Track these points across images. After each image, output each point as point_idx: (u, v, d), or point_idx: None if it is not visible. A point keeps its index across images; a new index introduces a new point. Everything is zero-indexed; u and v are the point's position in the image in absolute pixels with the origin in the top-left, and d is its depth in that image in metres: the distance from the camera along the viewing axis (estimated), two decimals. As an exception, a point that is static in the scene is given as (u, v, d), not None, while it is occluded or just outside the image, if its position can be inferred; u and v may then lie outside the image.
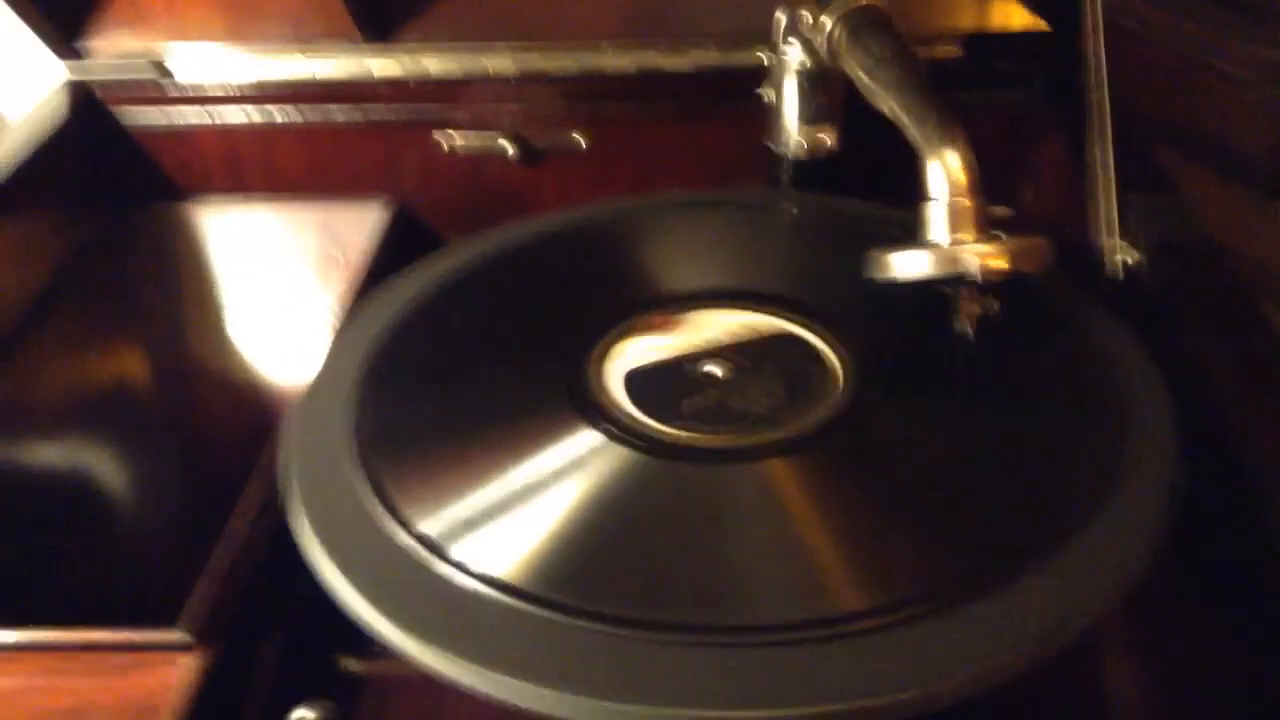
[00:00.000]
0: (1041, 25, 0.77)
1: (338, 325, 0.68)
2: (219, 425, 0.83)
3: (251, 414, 0.82)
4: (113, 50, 0.81)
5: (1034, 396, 0.52)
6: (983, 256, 0.48)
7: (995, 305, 0.50)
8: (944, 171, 0.49)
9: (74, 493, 0.73)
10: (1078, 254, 0.63)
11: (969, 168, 0.49)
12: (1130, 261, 0.59)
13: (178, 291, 0.82)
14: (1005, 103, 0.79)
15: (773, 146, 0.74)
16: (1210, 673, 0.50)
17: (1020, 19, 0.78)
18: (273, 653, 0.54)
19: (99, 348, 0.79)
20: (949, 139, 0.50)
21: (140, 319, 0.81)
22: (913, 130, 0.51)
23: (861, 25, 0.59)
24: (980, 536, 0.45)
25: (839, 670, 0.40)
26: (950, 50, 0.78)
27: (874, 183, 0.72)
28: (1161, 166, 0.69)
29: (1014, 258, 0.49)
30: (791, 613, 0.42)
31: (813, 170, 0.73)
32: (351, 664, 0.58)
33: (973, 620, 0.41)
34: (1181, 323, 0.56)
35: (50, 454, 0.72)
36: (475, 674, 0.40)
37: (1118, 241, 0.59)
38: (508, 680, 0.40)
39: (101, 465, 0.76)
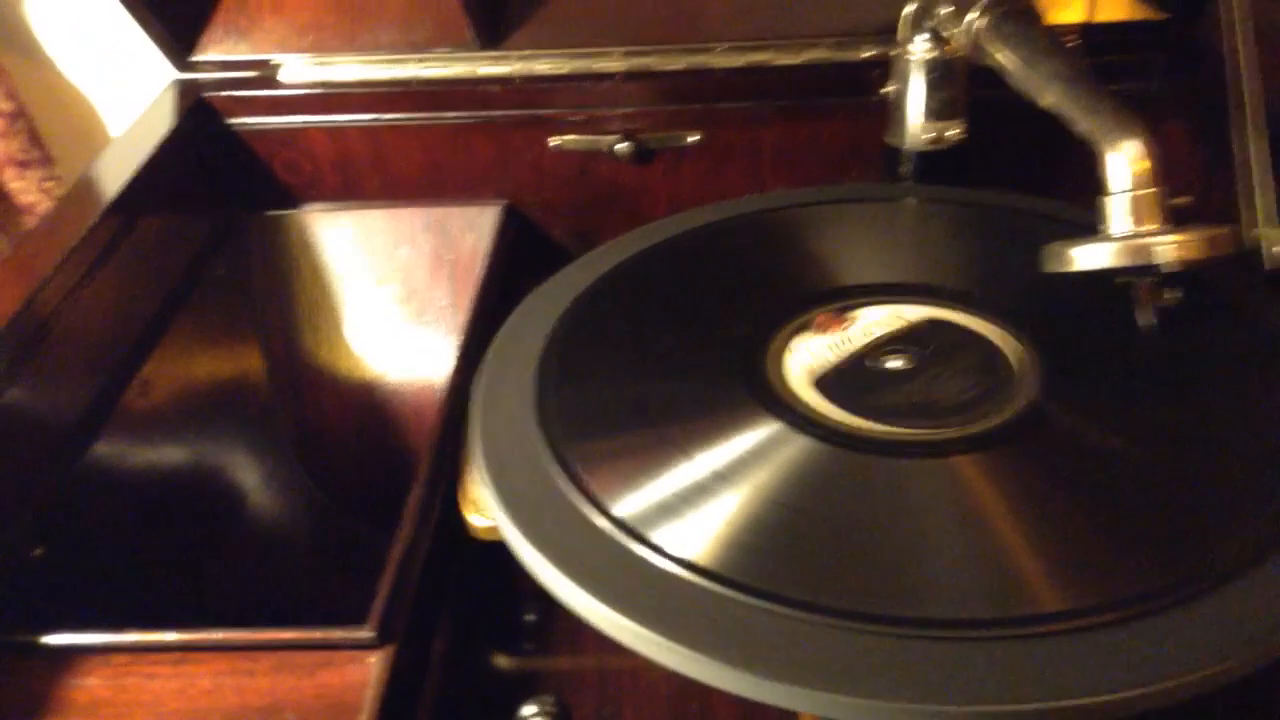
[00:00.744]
0: (1158, 15, 0.77)
1: (465, 328, 0.68)
2: (337, 424, 0.83)
3: (369, 414, 0.83)
4: (222, 55, 0.82)
5: (1224, 390, 0.52)
6: (1169, 246, 0.48)
7: (1178, 296, 0.50)
8: (1126, 162, 0.49)
9: (202, 497, 0.73)
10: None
11: (1151, 156, 0.49)
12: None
13: (293, 296, 0.83)
14: (1129, 95, 0.78)
15: (893, 142, 0.74)
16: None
17: (1137, 9, 0.78)
18: (441, 649, 0.54)
19: (221, 352, 0.79)
20: (1128, 128, 0.50)
21: (258, 323, 0.82)
22: (1085, 122, 0.51)
23: (1009, 16, 0.58)
24: (1178, 539, 0.45)
25: (1043, 668, 0.40)
26: (1069, 41, 0.77)
27: (996, 176, 0.73)
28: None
29: (1204, 246, 0.48)
30: (988, 610, 0.42)
31: (935, 164, 0.73)
32: (506, 660, 0.58)
33: (1177, 626, 0.41)
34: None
35: (180, 459, 0.73)
36: (669, 652, 0.41)
37: (1270, 231, 0.59)
38: (723, 669, 0.40)
39: (230, 464, 0.76)
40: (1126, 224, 0.49)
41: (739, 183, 0.83)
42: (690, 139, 0.82)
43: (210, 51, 0.82)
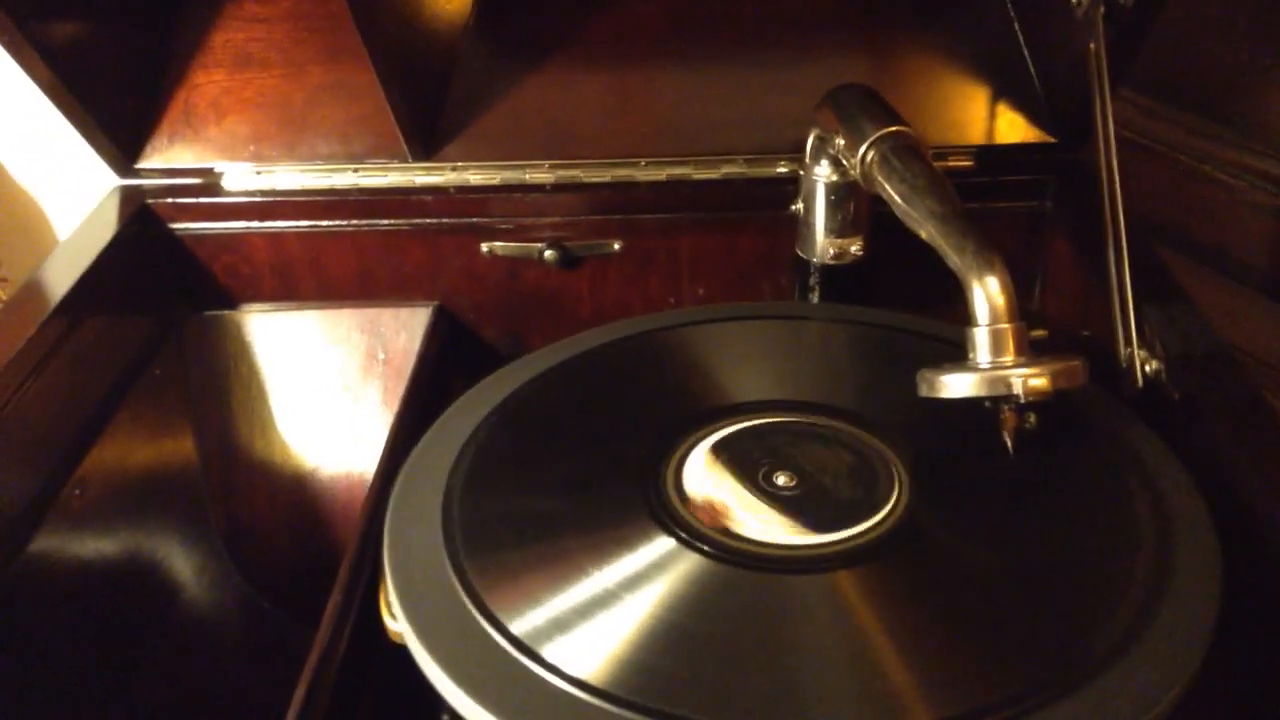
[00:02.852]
0: (1049, 138, 0.83)
1: (392, 427, 0.71)
2: (268, 520, 0.86)
3: (301, 510, 0.86)
4: (167, 163, 0.86)
5: (1079, 500, 0.56)
6: (1024, 378, 0.53)
7: (1035, 419, 0.55)
8: (985, 298, 0.54)
9: (135, 592, 0.76)
10: (1096, 360, 0.67)
11: (1008, 293, 0.54)
12: (1150, 369, 0.63)
13: (229, 394, 0.86)
14: (1020, 213, 0.84)
15: (803, 254, 0.78)
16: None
17: (1030, 132, 0.83)
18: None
19: (156, 449, 0.82)
20: (988, 267, 0.54)
21: (194, 421, 0.84)
22: (953, 258, 0.56)
23: (894, 151, 0.63)
24: (1035, 647, 0.48)
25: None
26: (963, 162, 0.83)
27: (899, 289, 0.77)
28: (1168, 272, 0.74)
29: (1053, 378, 0.53)
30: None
31: (839, 278, 0.78)
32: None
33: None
34: (1202, 426, 0.60)
35: (114, 555, 0.75)
36: None
37: (1141, 351, 0.63)
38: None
39: (161, 558, 0.78)
40: (987, 356, 0.54)
41: (659, 289, 0.87)
42: (614, 247, 0.86)
43: (155, 159, 0.86)
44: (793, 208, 0.79)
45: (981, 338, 0.54)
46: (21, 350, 0.69)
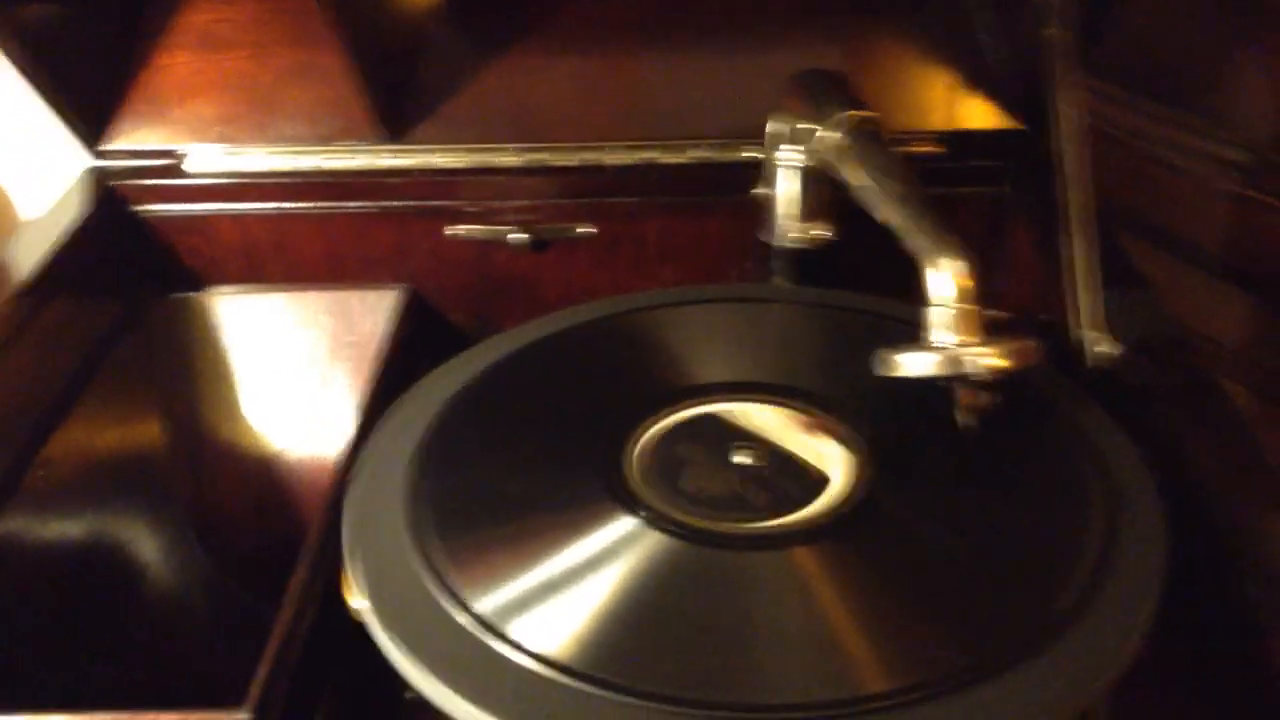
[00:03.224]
0: (1015, 124, 0.84)
1: (359, 409, 0.72)
2: (237, 503, 0.86)
3: (269, 493, 0.86)
4: (132, 145, 0.85)
5: (1031, 479, 0.58)
6: (980, 357, 0.54)
7: (993, 400, 0.55)
8: (944, 280, 0.55)
9: (102, 573, 0.76)
10: (1055, 343, 0.68)
11: (967, 276, 0.55)
12: (1106, 352, 0.64)
13: (196, 377, 0.86)
14: (983, 198, 0.85)
15: (767, 240, 0.79)
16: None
17: (992, 118, 0.84)
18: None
19: (123, 432, 0.82)
20: (945, 248, 0.55)
21: (161, 404, 0.84)
22: (910, 240, 0.57)
23: (859, 138, 0.64)
24: (987, 620, 0.50)
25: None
26: (929, 148, 0.83)
27: (863, 273, 0.78)
28: (1127, 257, 0.75)
29: (1007, 358, 0.54)
30: (820, 693, 0.46)
31: (803, 261, 0.79)
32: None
33: (982, 699, 0.45)
34: (1158, 407, 0.61)
35: (80, 536, 0.75)
36: None
37: (1097, 334, 0.65)
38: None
39: (128, 542, 0.78)
40: (944, 335, 0.55)
41: (627, 273, 0.88)
42: (582, 231, 0.86)
43: (120, 141, 0.85)
44: (755, 191, 0.79)
45: (938, 318, 0.55)
46: (-15, 331, 0.69)
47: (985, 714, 0.45)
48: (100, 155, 0.86)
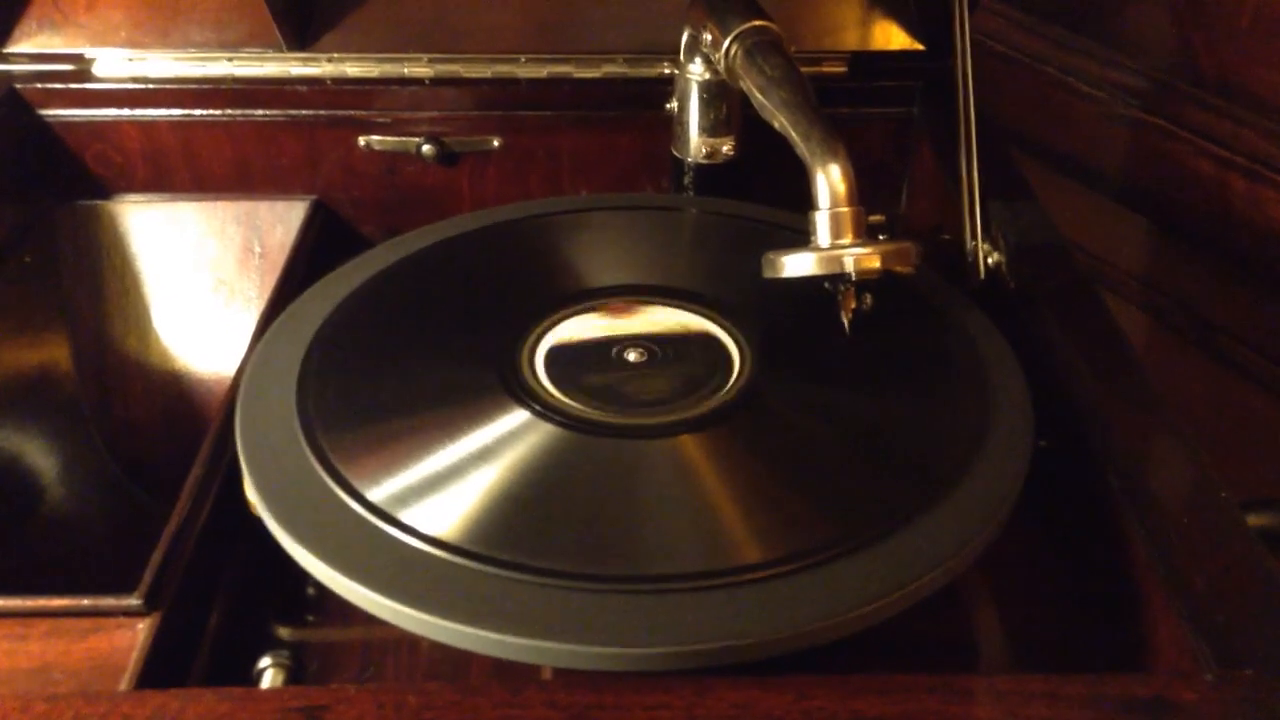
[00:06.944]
0: (918, 46, 0.85)
1: (260, 318, 0.72)
2: (144, 413, 0.86)
3: (176, 402, 0.86)
4: (36, 48, 0.84)
5: (909, 376, 0.60)
6: (858, 258, 0.56)
7: (870, 300, 0.57)
8: (827, 183, 0.56)
9: (3, 479, 0.76)
10: (951, 255, 0.71)
11: (848, 179, 0.56)
12: (993, 261, 0.67)
13: (103, 285, 0.85)
14: (888, 118, 0.86)
15: (677, 153, 0.80)
16: (1059, 620, 0.57)
17: (899, 39, 0.85)
18: (218, 618, 0.58)
19: (26, 340, 0.81)
20: (831, 154, 0.56)
21: (66, 312, 0.84)
22: (799, 146, 0.58)
23: (755, 47, 0.65)
24: (860, 497, 0.52)
25: (745, 611, 0.46)
26: (836, 68, 0.85)
27: (768, 185, 0.79)
28: (1022, 175, 0.77)
29: (884, 258, 0.56)
30: (699, 564, 0.48)
31: (713, 175, 0.80)
32: (285, 630, 0.62)
33: (857, 567, 0.48)
34: (1036, 311, 0.63)
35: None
36: (423, 623, 0.46)
37: (989, 247, 0.67)
38: (459, 628, 0.45)
39: (31, 451, 0.78)
40: (826, 237, 0.56)
41: (539, 187, 0.88)
42: (494, 144, 0.87)
43: (24, 44, 0.84)
44: (668, 106, 0.80)
45: (821, 220, 0.56)
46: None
47: (860, 579, 0.47)
48: (4, 59, 0.84)
